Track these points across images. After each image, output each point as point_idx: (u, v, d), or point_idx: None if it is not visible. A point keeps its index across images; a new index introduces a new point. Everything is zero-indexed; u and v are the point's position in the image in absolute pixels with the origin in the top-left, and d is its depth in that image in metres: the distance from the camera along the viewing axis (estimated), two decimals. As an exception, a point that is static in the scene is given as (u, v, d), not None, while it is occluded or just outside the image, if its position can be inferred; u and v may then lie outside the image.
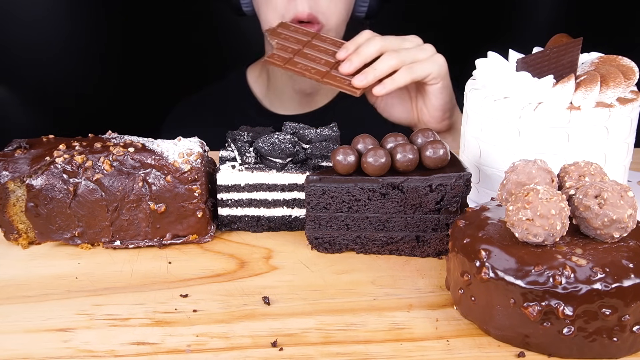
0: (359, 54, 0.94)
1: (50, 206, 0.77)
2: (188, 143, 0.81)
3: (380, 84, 0.95)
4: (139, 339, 0.63)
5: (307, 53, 0.98)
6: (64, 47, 1.63)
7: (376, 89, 0.95)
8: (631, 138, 0.78)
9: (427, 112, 1.02)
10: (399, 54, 0.95)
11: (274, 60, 0.96)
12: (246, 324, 0.65)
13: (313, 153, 0.80)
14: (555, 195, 0.58)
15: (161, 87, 1.70)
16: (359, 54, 0.94)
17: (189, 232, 0.80)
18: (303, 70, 0.94)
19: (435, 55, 0.98)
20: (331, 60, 0.97)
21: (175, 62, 1.76)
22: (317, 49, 0.99)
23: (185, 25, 1.77)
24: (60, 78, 1.64)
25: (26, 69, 1.60)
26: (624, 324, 0.57)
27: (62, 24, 1.62)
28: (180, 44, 1.76)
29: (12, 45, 1.56)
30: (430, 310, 0.67)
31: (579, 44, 0.78)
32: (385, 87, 0.94)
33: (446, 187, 0.74)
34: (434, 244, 0.76)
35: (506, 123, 0.76)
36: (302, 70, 0.95)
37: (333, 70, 0.95)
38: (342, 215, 0.76)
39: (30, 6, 1.54)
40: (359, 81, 0.93)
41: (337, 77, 0.94)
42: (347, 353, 0.60)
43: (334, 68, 0.95)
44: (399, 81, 0.94)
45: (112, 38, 1.69)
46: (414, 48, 0.97)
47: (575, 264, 0.57)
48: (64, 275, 0.75)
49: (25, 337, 0.63)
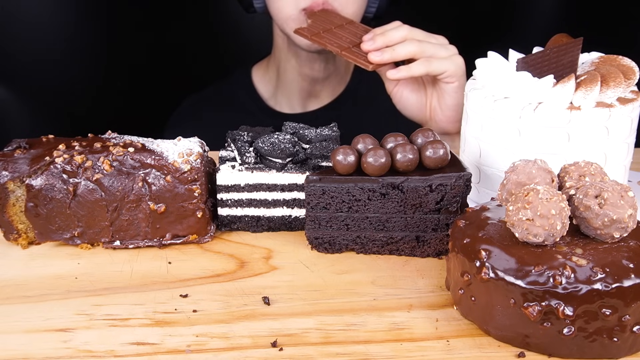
0: (385, 36, 0.98)
1: (50, 206, 0.77)
2: (188, 143, 0.81)
3: (395, 69, 0.97)
4: (138, 339, 0.63)
5: (335, 32, 1.04)
6: (64, 47, 1.63)
7: (390, 72, 0.97)
8: (631, 138, 0.78)
9: (441, 111, 1.02)
10: (421, 44, 0.97)
11: (302, 32, 1.02)
12: (246, 324, 0.65)
13: (313, 153, 0.80)
14: (555, 195, 0.58)
15: (161, 87, 1.70)
16: (385, 35, 0.98)
17: (188, 232, 0.80)
18: (326, 42, 1.00)
19: (456, 56, 1.00)
20: (356, 41, 1.01)
21: (175, 62, 1.76)
22: (347, 31, 1.04)
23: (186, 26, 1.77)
24: (60, 78, 1.64)
25: (26, 69, 1.60)
26: (624, 324, 0.57)
27: (63, 24, 1.62)
28: (180, 44, 1.76)
29: (12, 46, 1.55)
30: (430, 310, 0.67)
31: (579, 44, 0.78)
32: (400, 72, 0.97)
33: (446, 187, 0.74)
34: (434, 244, 0.76)
35: (506, 123, 0.76)
36: (324, 42, 1.00)
37: (354, 47, 0.99)
38: (342, 215, 0.76)
39: (31, 7, 1.54)
40: (375, 56, 0.96)
41: (355, 52, 0.98)
42: (347, 353, 0.60)
43: (356, 46, 1.00)
44: (414, 70, 0.97)
45: (112, 38, 1.69)
46: (437, 44, 0.99)
47: (575, 264, 0.57)
48: (64, 275, 0.74)
49: (25, 337, 0.63)
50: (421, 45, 0.97)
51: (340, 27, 1.05)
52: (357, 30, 1.05)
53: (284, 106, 1.37)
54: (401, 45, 0.97)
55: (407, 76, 0.97)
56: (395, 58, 0.97)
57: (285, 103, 1.37)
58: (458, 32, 1.76)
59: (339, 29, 1.05)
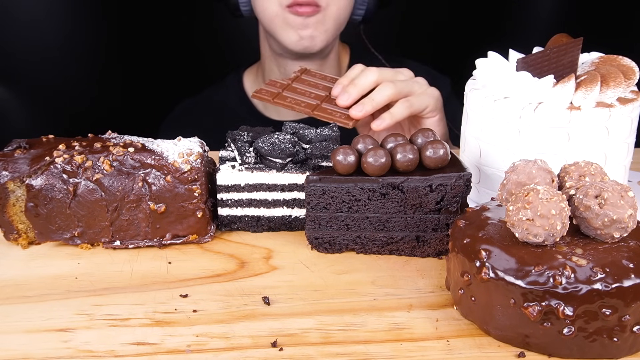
0: (356, 85, 0.91)
1: (50, 206, 0.77)
2: (188, 143, 0.81)
3: (378, 118, 0.91)
4: (139, 339, 0.63)
5: (296, 87, 0.95)
6: (64, 47, 1.63)
7: (374, 124, 0.91)
8: (631, 138, 0.78)
9: None
10: (395, 85, 0.92)
11: (262, 95, 0.93)
12: (246, 324, 0.65)
13: (313, 153, 0.80)
14: (555, 195, 0.58)
15: (161, 87, 1.70)
16: (356, 85, 0.91)
17: (188, 232, 0.80)
18: (292, 104, 0.91)
19: (430, 89, 0.95)
20: (321, 94, 0.94)
21: (175, 62, 1.76)
22: (306, 83, 0.97)
23: (185, 26, 1.77)
24: (60, 78, 1.64)
25: (26, 69, 1.60)
26: (624, 324, 0.57)
27: (62, 24, 1.62)
28: (179, 44, 1.76)
29: (12, 46, 1.55)
30: (430, 310, 0.67)
31: (579, 44, 0.78)
32: (384, 121, 0.91)
33: (446, 187, 0.74)
34: (434, 244, 0.76)
35: (506, 123, 0.76)
36: (291, 104, 0.91)
37: (324, 103, 0.92)
38: (342, 215, 0.76)
39: (30, 7, 1.54)
40: (357, 112, 0.89)
41: (328, 110, 0.90)
42: (347, 353, 0.60)
43: (325, 101, 0.92)
44: (398, 114, 0.91)
45: (111, 38, 1.69)
46: (408, 80, 0.95)
47: (575, 264, 0.57)
48: (64, 275, 0.74)
49: (25, 337, 0.63)
50: (395, 85, 0.91)
51: (298, 80, 0.97)
52: (317, 80, 0.97)
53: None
54: (378, 92, 0.90)
55: (392, 123, 0.91)
56: (376, 107, 0.90)
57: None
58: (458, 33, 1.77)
59: (298, 82, 0.96)
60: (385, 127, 0.91)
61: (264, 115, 1.36)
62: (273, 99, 0.92)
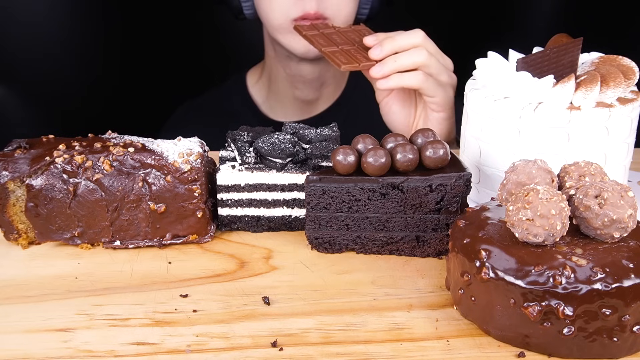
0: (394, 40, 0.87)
1: (50, 206, 0.77)
2: (188, 143, 0.81)
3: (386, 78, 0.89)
4: (139, 339, 0.63)
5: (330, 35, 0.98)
6: (64, 47, 1.63)
7: (380, 82, 0.89)
8: (631, 138, 0.78)
9: None
10: (430, 58, 0.89)
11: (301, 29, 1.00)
12: (246, 324, 0.65)
13: (313, 153, 0.80)
14: (555, 195, 0.58)
15: (161, 87, 1.70)
16: (394, 39, 0.87)
17: (189, 232, 0.80)
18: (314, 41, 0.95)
19: (450, 87, 0.94)
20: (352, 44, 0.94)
21: (175, 62, 1.76)
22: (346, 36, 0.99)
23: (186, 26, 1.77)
24: (60, 78, 1.63)
25: (26, 69, 1.60)
26: (624, 324, 0.57)
27: (62, 24, 1.62)
28: (180, 44, 1.76)
29: (11, 46, 1.55)
30: (430, 310, 0.67)
31: (579, 44, 0.78)
32: (390, 81, 0.88)
33: (446, 187, 0.74)
34: (434, 244, 0.76)
35: (506, 123, 0.76)
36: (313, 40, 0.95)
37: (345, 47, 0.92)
38: (342, 215, 0.76)
39: (30, 6, 1.54)
40: (375, 72, 0.86)
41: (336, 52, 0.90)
42: (347, 353, 0.60)
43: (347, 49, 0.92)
44: (406, 81, 0.89)
45: (111, 39, 1.69)
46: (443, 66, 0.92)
47: (575, 264, 0.57)
48: (64, 275, 0.74)
49: (25, 337, 0.63)
50: (429, 59, 0.89)
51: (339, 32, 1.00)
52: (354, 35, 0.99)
53: (278, 113, 1.36)
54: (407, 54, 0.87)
55: (397, 86, 0.89)
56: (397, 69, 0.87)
57: (279, 110, 1.36)
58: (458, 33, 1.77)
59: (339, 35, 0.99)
60: (389, 87, 0.88)
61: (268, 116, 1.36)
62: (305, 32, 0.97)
